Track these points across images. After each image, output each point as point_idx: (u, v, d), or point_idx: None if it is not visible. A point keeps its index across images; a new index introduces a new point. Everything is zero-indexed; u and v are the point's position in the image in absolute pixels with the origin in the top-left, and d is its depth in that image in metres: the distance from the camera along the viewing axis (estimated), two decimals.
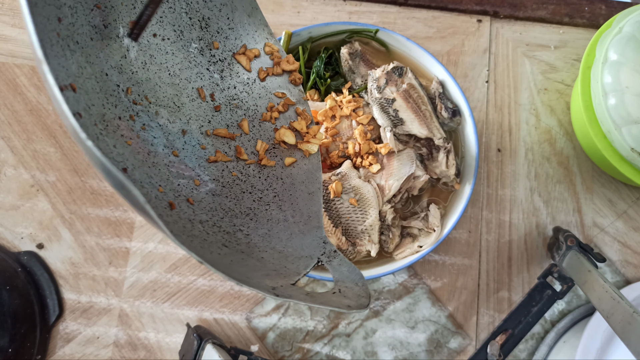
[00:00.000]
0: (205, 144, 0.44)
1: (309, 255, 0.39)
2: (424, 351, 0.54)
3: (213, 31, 0.45)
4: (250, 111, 0.46)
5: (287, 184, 0.44)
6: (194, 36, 0.44)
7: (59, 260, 0.56)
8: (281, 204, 0.43)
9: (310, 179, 0.45)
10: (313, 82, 0.56)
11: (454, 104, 0.54)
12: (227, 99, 0.46)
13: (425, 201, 0.54)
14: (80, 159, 0.59)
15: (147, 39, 0.42)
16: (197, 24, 0.44)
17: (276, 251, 0.39)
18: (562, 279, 0.50)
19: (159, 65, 0.43)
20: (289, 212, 0.43)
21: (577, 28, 0.64)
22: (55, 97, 0.24)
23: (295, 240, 0.41)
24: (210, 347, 0.47)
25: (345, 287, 0.35)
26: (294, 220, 0.42)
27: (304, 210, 0.43)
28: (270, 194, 0.44)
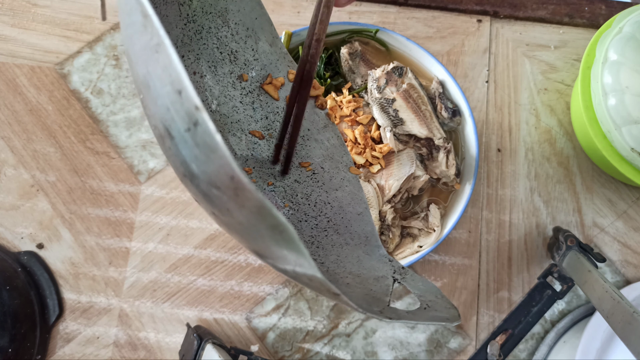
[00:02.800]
0: (254, 177, 0.45)
1: (383, 275, 0.39)
2: (424, 351, 0.54)
3: (241, 63, 0.45)
4: (285, 140, 0.46)
5: (336, 208, 0.45)
6: (226, 70, 0.45)
7: (59, 260, 0.56)
8: (337, 228, 0.44)
9: (355, 199, 0.45)
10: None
11: (454, 104, 0.54)
12: (262, 129, 0.46)
13: (425, 201, 0.54)
14: (80, 159, 0.59)
15: (189, 77, 0.42)
16: (227, 57, 0.44)
17: (355, 275, 0.39)
18: (562, 279, 0.50)
19: (202, 102, 0.43)
20: (347, 235, 0.44)
21: (577, 28, 0.64)
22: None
23: (365, 262, 0.41)
24: (210, 347, 0.47)
25: (430, 302, 0.36)
26: (354, 243, 0.43)
27: (360, 232, 0.44)
28: (324, 220, 0.44)
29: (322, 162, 0.47)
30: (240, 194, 0.22)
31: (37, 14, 0.63)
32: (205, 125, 0.22)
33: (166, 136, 0.25)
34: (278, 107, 0.47)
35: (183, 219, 0.57)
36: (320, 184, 0.46)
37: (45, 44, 0.62)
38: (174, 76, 0.22)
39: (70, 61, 0.62)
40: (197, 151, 0.23)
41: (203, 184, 0.24)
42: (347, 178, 0.46)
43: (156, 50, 0.23)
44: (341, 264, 0.40)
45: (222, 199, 0.24)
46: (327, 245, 0.42)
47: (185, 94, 0.22)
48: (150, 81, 0.25)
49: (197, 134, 0.22)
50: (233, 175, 0.22)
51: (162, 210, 0.58)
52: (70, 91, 0.61)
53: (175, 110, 0.23)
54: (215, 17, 0.43)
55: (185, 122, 0.23)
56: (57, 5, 0.64)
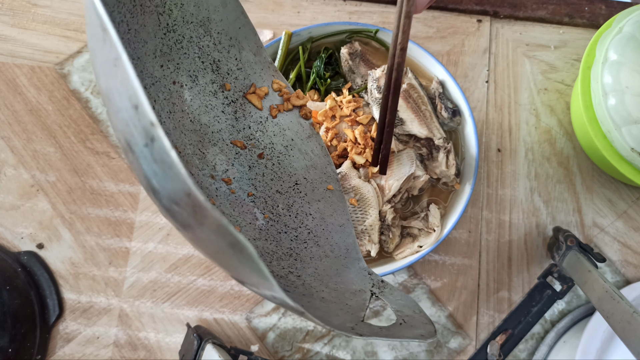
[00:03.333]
0: (233, 187, 0.44)
1: (361, 289, 0.39)
2: (424, 351, 0.54)
3: (224, 73, 0.45)
4: (267, 149, 0.46)
5: (318, 219, 0.45)
6: (208, 80, 0.44)
7: (59, 260, 0.56)
8: (317, 239, 0.44)
9: (337, 211, 0.45)
10: (313, 82, 0.56)
11: (454, 104, 0.54)
12: (244, 139, 0.46)
13: (425, 201, 0.54)
14: (80, 159, 0.59)
15: (168, 87, 0.42)
16: (209, 67, 0.44)
17: (331, 289, 0.39)
18: (562, 279, 0.50)
19: (181, 112, 0.43)
20: (327, 247, 0.43)
21: (577, 28, 0.64)
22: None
23: (343, 275, 0.41)
24: (210, 347, 0.47)
25: (407, 317, 0.35)
26: (334, 255, 0.43)
27: (340, 244, 0.44)
28: (304, 231, 0.44)
29: (305, 173, 0.47)
30: (198, 211, 0.22)
31: (37, 14, 0.63)
32: (161, 141, 0.22)
33: (128, 150, 0.25)
34: (261, 116, 0.46)
35: None
36: (302, 195, 0.46)
37: (45, 44, 0.62)
38: (131, 91, 0.22)
39: (70, 61, 0.62)
40: (156, 167, 0.23)
41: (164, 199, 0.24)
42: (330, 189, 0.46)
43: (114, 64, 0.23)
44: (318, 277, 0.40)
45: (182, 214, 0.24)
46: (305, 258, 0.42)
47: (141, 109, 0.22)
48: (110, 95, 0.25)
49: (154, 149, 0.23)
50: (190, 192, 0.22)
51: None
52: (70, 91, 0.61)
53: (133, 125, 0.23)
54: (197, 27, 0.42)
55: (143, 138, 0.23)
56: (57, 5, 0.64)
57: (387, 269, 0.50)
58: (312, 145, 0.48)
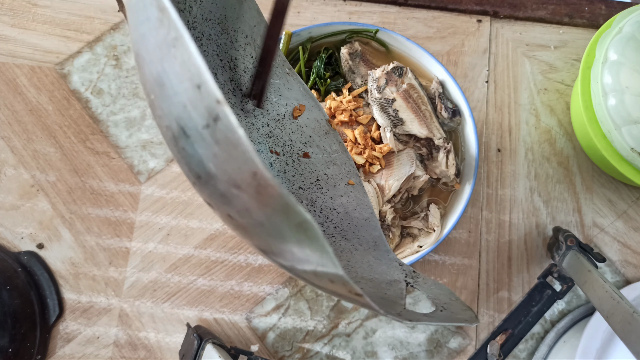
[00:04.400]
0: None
1: (395, 279, 0.39)
2: (424, 351, 0.54)
3: (240, 70, 0.45)
4: (286, 147, 0.47)
5: (342, 214, 0.45)
6: (227, 78, 0.44)
7: (59, 260, 0.56)
8: (344, 234, 0.44)
9: (360, 205, 0.45)
10: (313, 82, 0.56)
11: (454, 104, 0.54)
12: (263, 137, 0.46)
13: (425, 201, 0.54)
14: (80, 159, 0.59)
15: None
16: (227, 65, 0.44)
17: (367, 280, 0.38)
18: (562, 279, 0.50)
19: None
20: (355, 240, 0.43)
21: (577, 28, 0.64)
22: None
23: (375, 267, 0.41)
24: (210, 347, 0.47)
25: (445, 304, 0.35)
26: (363, 248, 0.43)
27: (368, 237, 0.44)
28: (330, 226, 0.44)
29: (325, 169, 0.47)
30: (262, 191, 0.21)
31: (37, 14, 0.63)
32: (227, 119, 0.21)
33: (180, 136, 0.24)
34: (279, 114, 0.47)
35: (183, 219, 0.57)
36: (324, 190, 0.46)
37: (45, 44, 0.62)
38: (194, 70, 0.22)
39: (71, 61, 0.62)
40: (216, 148, 0.22)
41: (221, 183, 0.23)
42: (351, 184, 0.47)
43: (173, 44, 0.23)
44: (352, 269, 0.40)
45: (242, 198, 0.23)
46: (336, 252, 0.42)
47: (205, 88, 0.21)
48: (165, 79, 0.24)
49: (216, 129, 0.22)
50: (256, 171, 0.21)
51: (162, 210, 0.58)
52: (71, 91, 0.61)
53: (193, 107, 0.22)
54: (215, 24, 0.42)
55: (204, 118, 0.22)
56: (57, 5, 0.64)
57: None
58: (330, 141, 0.48)
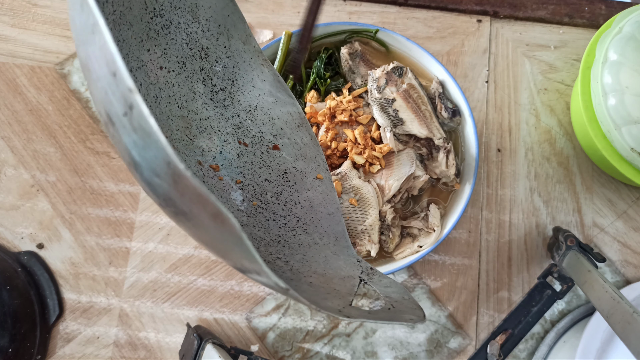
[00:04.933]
0: (221, 174, 0.44)
1: (350, 275, 0.39)
2: (424, 351, 0.54)
3: (212, 60, 0.45)
4: (256, 138, 0.46)
5: (307, 207, 0.45)
6: (196, 67, 0.44)
7: (59, 260, 0.56)
8: (306, 227, 0.44)
9: (326, 200, 0.45)
10: (313, 82, 0.56)
11: (454, 104, 0.54)
12: (233, 127, 0.46)
13: (425, 201, 0.54)
14: (80, 159, 0.59)
15: (155, 72, 0.42)
16: (197, 54, 0.44)
17: (319, 274, 0.39)
18: (562, 279, 0.50)
19: (168, 98, 0.43)
20: (316, 235, 0.44)
21: (577, 28, 0.64)
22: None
23: (332, 262, 0.41)
24: (210, 347, 0.47)
25: (395, 302, 0.36)
26: (323, 243, 0.43)
27: (330, 232, 0.44)
28: (293, 219, 0.44)
29: (294, 162, 0.47)
30: (178, 181, 0.22)
31: (37, 14, 0.63)
32: (139, 108, 0.21)
33: (108, 122, 0.25)
34: (250, 105, 0.46)
35: None
36: (291, 184, 0.46)
37: (45, 44, 0.62)
38: (109, 57, 0.22)
39: (71, 61, 0.62)
40: (135, 136, 0.23)
41: (145, 171, 0.24)
42: (319, 178, 0.47)
43: (92, 30, 0.23)
44: (306, 263, 0.40)
45: (163, 187, 0.23)
46: (294, 245, 0.42)
47: (119, 76, 0.22)
48: (89, 63, 0.24)
49: (133, 118, 0.22)
50: (169, 161, 0.21)
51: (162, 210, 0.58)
52: (71, 91, 0.61)
53: (112, 93, 0.23)
54: (185, 13, 0.42)
55: (122, 106, 0.22)
56: (57, 5, 0.64)
57: (387, 269, 0.50)
58: (301, 134, 0.48)
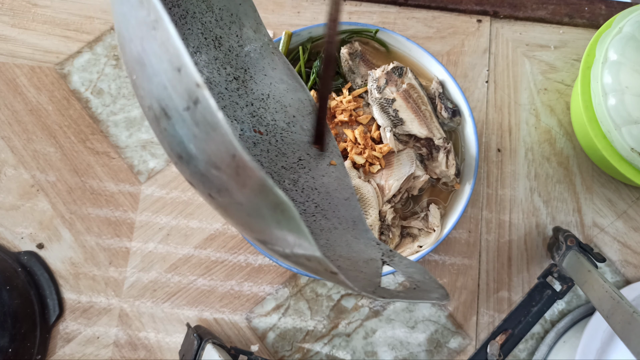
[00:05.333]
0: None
1: (372, 257, 0.40)
2: (424, 351, 0.54)
3: (225, 49, 0.46)
4: (270, 126, 0.47)
5: (323, 193, 0.45)
6: (211, 56, 0.45)
7: (59, 260, 0.56)
8: (325, 213, 0.44)
9: (341, 185, 0.46)
10: (313, 82, 0.56)
11: (454, 104, 0.54)
12: (247, 116, 0.46)
13: (425, 201, 0.54)
14: (80, 159, 0.59)
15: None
16: (212, 43, 0.45)
17: (345, 258, 0.39)
18: (562, 279, 0.50)
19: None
20: (335, 220, 0.44)
21: (577, 28, 0.64)
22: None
23: (354, 245, 0.41)
24: (210, 347, 0.47)
25: (419, 282, 0.36)
26: (342, 227, 0.43)
27: (347, 216, 0.44)
28: (311, 205, 0.45)
29: (308, 149, 0.47)
30: (241, 173, 0.22)
31: (37, 14, 0.63)
32: (207, 102, 0.22)
33: (162, 116, 0.25)
34: (263, 93, 0.47)
35: (183, 219, 0.57)
36: (307, 170, 0.46)
37: (45, 44, 0.62)
38: (173, 52, 0.22)
39: (71, 61, 0.62)
40: (197, 130, 0.23)
41: (201, 164, 0.24)
42: (333, 164, 0.47)
43: (154, 26, 0.23)
44: (331, 247, 0.41)
45: (221, 178, 0.23)
46: (316, 230, 0.43)
47: (185, 71, 0.22)
48: (146, 59, 0.24)
49: (197, 112, 0.22)
50: (235, 153, 0.22)
51: (162, 210, 0.58)
52: (71, 91, 0.61)
53: (173, 88, 0.23)
54: (200, 2, 0.43)
55: (184, 101, 0.23)
56: (57, 5, 0.64)
57: (387, 268, 0.50)
58: (313, 121, 0.48)
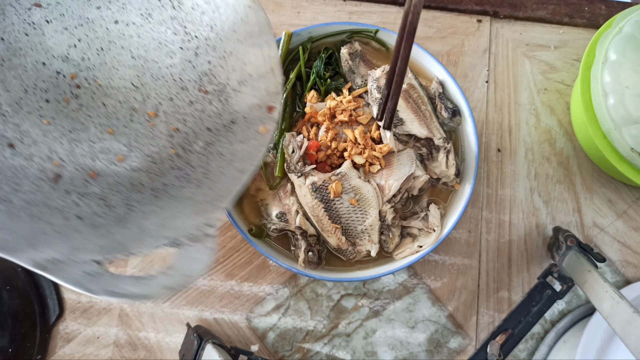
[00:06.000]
0: (156, 122, 0.43)
1: (179, 235, 0.37)
2: (424, 351, 0.54)
3: (188, 8, 0.44)
4: (220, 85, 0.46)
5: (226, 161, 0.42)
6: (166, 16, 0.44)
7: None
8: (206, 182, 0.41)
9: (251, 156, 0.42)
10: (313, 82, 0.56)
11: (454, 104, 0.54)
12: (201, 74, 0.45)
13: (425, 201, 0.54)
14: None
15: (106, 26, 0.43)
16: (169, 4, 0.44)
17: (138, 228, 0.38)
18: (562, 279, 0.50)
19: (119, 49, 0.43)
20: (205, 191, 0.41)
21: (577, 28, 0.64)
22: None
23: (180, 219, 0.39)
24: (210, 347, 0.47)
25: (175, 271, 0.35)
26: (199, 200, 0.40)
27: (221, 190, 0.40)
28: (199, 172, 0.42)
29: (248, 112, 0.44)
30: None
31: None
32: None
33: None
34: (225, 50, 0.45)
35: None
36: (230, 134, 0.44)
37: None
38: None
39: None
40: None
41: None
42: (262, 132, 0.44)
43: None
44: (144, 216, 0.39)
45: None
46: (164, 197, 0.41)
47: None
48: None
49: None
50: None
51: None
52: None
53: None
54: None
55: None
56: None
57: (387, 269, 0.50)
58: (268, 82, 0.44)
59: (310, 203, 0.50)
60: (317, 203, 0.50)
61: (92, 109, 0.42)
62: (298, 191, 0.51)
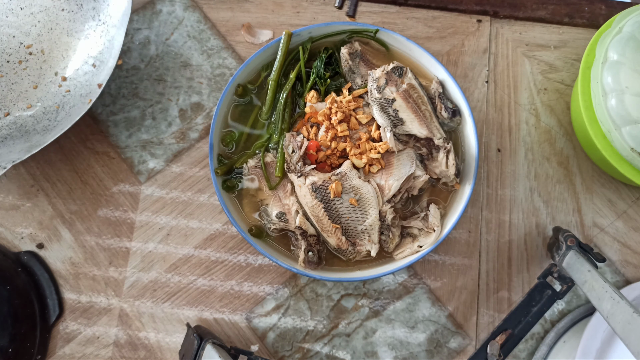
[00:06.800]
0: (63, 84, 0.60)
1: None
2: (424, 351, 0.54)
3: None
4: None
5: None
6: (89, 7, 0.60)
7: (59, 260, 0.56)
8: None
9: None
10: (313, 82, 0.56)
11: (454, 104, 0.54)
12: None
13: (425, 201, 0.54)
14: (80, 159, 0.59)
15: (56, 13, 0.61)
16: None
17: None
18: (562, 279, 0.50)
19: (61, 29, 0.61)
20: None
21: (577, 28, 0.64)
22: None
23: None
24: (210, 347, 0.47)
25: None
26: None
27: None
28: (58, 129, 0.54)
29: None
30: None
31: None
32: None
33: None
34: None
35: (183, 219, 0.57)
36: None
37: None
38: None
39: None
40: None
41: None
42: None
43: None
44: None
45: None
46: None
47: None
48: None
49: None
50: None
51: (162, 210, 0.58)
52: None
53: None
54: None
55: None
56: None
57: (387, 269, 0.50)
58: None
59: (310, 203, 0.50)
60: (317, 203, 0.50)
61: (32, 70, 0.59)
62: (298, 191, 0.51)
